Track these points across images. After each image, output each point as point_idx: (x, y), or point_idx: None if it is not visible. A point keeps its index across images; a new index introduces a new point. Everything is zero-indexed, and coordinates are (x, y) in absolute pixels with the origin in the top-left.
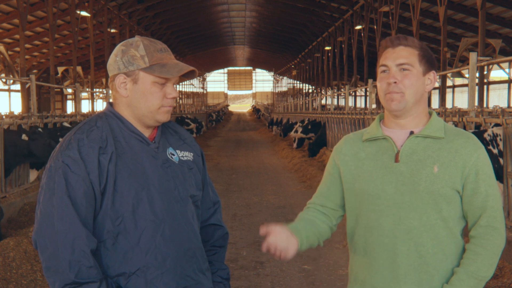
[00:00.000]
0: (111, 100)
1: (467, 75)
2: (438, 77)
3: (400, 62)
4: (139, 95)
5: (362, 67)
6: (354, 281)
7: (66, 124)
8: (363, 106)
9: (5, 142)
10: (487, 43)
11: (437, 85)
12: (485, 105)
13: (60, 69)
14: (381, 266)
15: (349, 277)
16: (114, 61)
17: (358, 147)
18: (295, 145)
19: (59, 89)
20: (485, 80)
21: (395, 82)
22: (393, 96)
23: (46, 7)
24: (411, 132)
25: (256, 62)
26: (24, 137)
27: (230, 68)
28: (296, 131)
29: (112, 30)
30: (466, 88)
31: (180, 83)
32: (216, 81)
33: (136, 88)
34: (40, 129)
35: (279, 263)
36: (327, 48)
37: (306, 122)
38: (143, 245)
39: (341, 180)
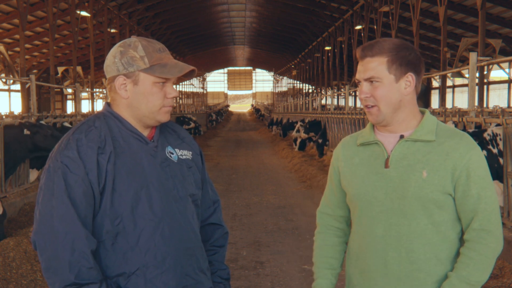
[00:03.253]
0: (108, 101)
1: (467, 75)
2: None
3: (367, 76)
4: (140, 96)
5: None
6: (348, 285)
7: (66, 124)
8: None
9: (8, 139)
10: (487, 43)
11: (437, 85)
12: (485, 105)
13: (60, 69)
14: (373, 272)
15: (345, 279)
16: (112, 63)
17: (353, 152)
18: (296, 147)
19: (59, 89)
20: (485, 80)
21: (367, 97)
22: (370, 111)
23: (46, 7)
24: (401, 136)
25: (256, 62)
26: (26, 131)
27: (230, 68)
28: (298, 131)
29: (112, 30)
30: (466, 88)
31: (180, 83)
32: (216, 81)
33: (137, 89)
34: (42, 122)
35: (279, 263)
36: (327, 48)
37: (307, 121)
38: (142, 245)
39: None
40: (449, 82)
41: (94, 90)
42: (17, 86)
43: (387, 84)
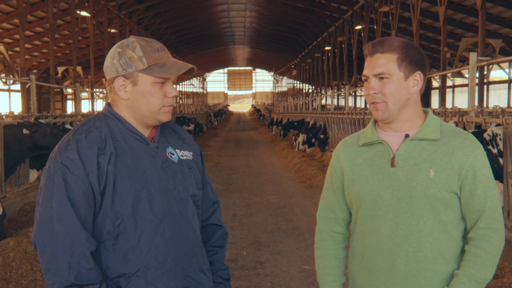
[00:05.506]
0: (109, 101)
1: (467, 75)
2: (438, 76)
3: (377, 72)
4: (140, 97)
5: (362, 67)
6: (353, 285)
7: (68, 126)
8: (363, 106)
9: (8, 138)
10: (487, 43)
11: (437, 85)
12: (485, 105)
13: (60, 69)
14: (379, 272)
15: (349, 279)
16: (111, 64)
17: (356, 152)
18: (296, 148)
19: (59, 89)
20: (485, 80)
21: (375, 93)
22: (377, 107)
23: (46, 7)
24: (406, 135)
25: (256, 62)
26: (25, 131)
27: (230, 68)
28: (300, 136)
29: (112, 30)
30: (466, 88)
31: (180, 83)
32: (216, 81)
33: (136, 90)
34: (41, 120)
35: (279, 263)
36: (327, 48)
37: (310, 123)
38: (143, 246)
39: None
40: (449, 82)
41: (94, 90)
42: (17, 86)
43: (396, 81)
